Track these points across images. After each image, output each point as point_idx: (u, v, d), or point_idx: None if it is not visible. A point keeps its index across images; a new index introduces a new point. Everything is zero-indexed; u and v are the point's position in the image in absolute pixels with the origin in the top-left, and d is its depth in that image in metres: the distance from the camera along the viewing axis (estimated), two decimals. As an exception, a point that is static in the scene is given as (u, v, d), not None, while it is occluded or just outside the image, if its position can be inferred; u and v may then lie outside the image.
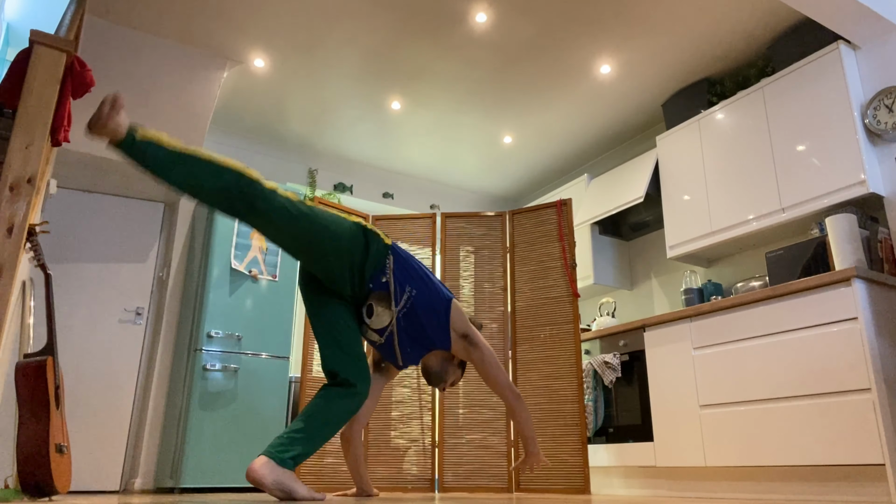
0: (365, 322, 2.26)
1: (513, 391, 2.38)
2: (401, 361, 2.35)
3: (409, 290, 2.22)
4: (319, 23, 3.63)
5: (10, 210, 1.95)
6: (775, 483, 2.91)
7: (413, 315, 2.22)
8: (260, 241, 4.11)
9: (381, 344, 2.30)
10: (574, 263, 3.77)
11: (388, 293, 2.20)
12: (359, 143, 5.02)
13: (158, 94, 3.83)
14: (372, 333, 2.27)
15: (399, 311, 2.21)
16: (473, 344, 2.30)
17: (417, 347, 2.30)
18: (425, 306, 2.23)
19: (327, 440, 2.09)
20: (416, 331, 2.25)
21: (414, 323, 2.24)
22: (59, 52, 2.16)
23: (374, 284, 2.20)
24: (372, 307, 2.21)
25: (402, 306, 2.21)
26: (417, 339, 2.27)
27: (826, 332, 2.77)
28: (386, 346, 2.30)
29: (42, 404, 2.25)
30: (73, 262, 4.12)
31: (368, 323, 2.25)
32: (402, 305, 2.20)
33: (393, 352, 2.30)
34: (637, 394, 3.65)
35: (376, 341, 2.29)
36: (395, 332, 2.24)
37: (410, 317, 2.23)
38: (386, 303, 2.20)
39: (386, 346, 2.30)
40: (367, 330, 2.28)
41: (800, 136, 3.36)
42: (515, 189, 5.85)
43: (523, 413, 2.40)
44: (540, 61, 3.95)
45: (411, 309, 2.22)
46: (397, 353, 2.31)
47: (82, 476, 3.83)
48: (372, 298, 2.22)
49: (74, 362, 3.97)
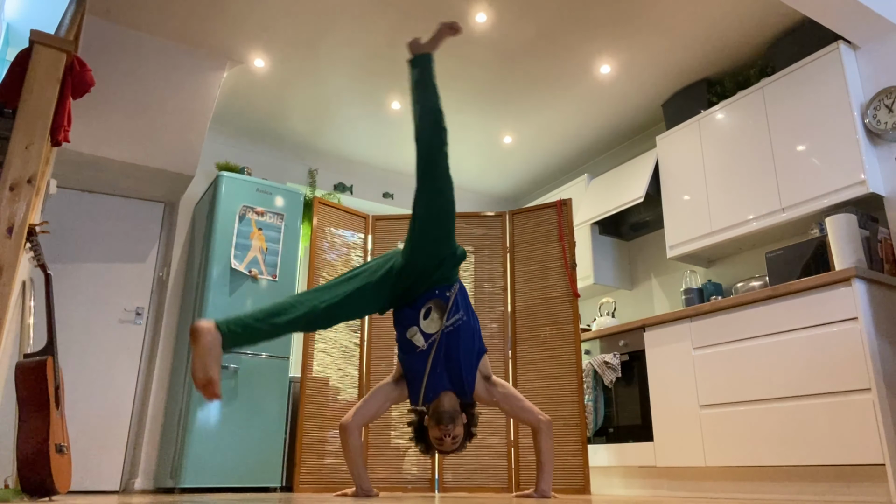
0: (419, 324, 2.44)
1: (544, 415, 2.56)
2: (424, 382, 2.45)
3: (462, 314, 2.47)
4: (319, 23, 3.63)
5: (10, 210, 1.95)
6: (775, 483, 2.91)
7: (455, 338, 2.44)
8: (260, 241, 4.12)
9: (419, 352, 2.45)
10: (574, 263, 3.77)
11: (445, 306, 2.45)
12: (359, 143, 5.02)
13: (158, 94, 3.83)
14: (419, 337, 2.45)
15: (447, 327, 2.44)
16: (494, 383, 2.53)
17: (445, 372, 2.45)
18: (467, 337, 2.46)
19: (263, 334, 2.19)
20: (452, 354, 2.44)
21: (453, 346, 2.44)
22: (59, 52, 2.16)
23: (439, 292, 2.46)
24: (430, 310, 2.45)
25: (451, 324, 2.44)
26: (450, 362, 2.44)
27: (826, 332, 2.77)
28: (420, 358, 2.45)
29: (42, 404, 2.25)
30: (73, 262, 4.12)
31: (422, 326, 2.44)
32: (451, 322, 2.44)
33: (423, 368, 2.44)
34: (637, 394, 3.65)
35: (419, 346, 2.45)
36: (437, 344, 2.43)
37: (452, 338, 2.44)
38: (440, 313, 2.45)
39: (421, 357, 2.45)
40: (417, 332, 2.45)
41: (800, 136, 3.36)
42: (515, 189, 5.85)
43: (550, 442, 2.55)
44: (540, 61, 3.95)
45: (455, 332, 2.44)
46: (426, 370, 2.44)
47: (82, 476, 3.83)
48: (431, 303, 2.46)
49: (74, 362, 3.97)
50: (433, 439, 2.45)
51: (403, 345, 2.51)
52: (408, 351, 2.49)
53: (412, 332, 2.46)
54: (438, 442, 2.43)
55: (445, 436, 2.41)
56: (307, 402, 3.64)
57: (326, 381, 3.74)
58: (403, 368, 2.54)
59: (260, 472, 3.73)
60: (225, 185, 4.09)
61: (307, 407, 3.63)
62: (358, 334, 3.93)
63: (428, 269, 2.40)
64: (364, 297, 2.34)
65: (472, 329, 2.52)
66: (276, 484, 3.80)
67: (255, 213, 4.14)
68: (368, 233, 4.16)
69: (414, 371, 2.48)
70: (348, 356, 3.87)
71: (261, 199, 4.19)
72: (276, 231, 4.19)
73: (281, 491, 3.86)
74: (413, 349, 2.47)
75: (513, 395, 2.60)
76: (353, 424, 2.53)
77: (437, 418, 2.41)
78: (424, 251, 2.37)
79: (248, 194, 4.15)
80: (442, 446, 2.43)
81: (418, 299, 2.47)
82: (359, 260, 4.07)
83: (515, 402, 2.58)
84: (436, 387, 2.47)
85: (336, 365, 3.80)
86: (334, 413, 3.72)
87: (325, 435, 3.66)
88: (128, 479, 4.00)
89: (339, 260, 3.98)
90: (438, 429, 2.42)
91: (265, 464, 3.76)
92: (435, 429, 2.43)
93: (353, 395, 3.82)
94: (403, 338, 2.50)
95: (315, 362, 3.73)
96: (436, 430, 2.43)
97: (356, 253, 4.07)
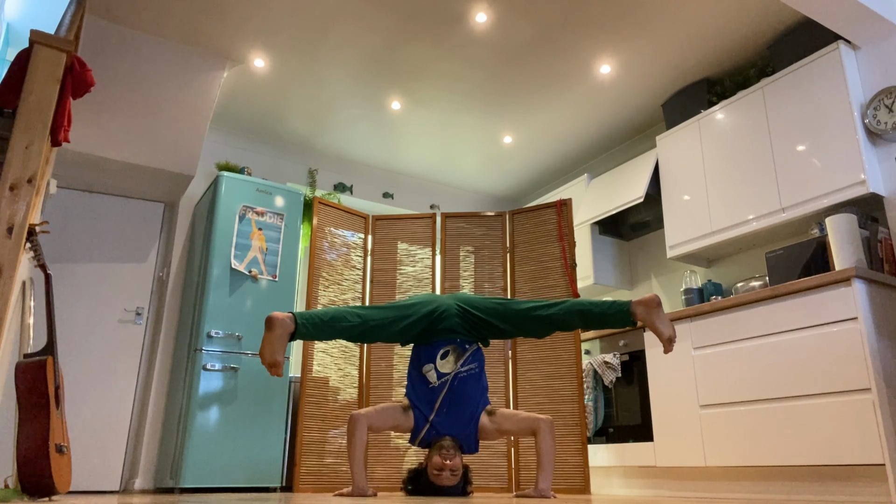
0: (434, 362, 2.62)
1: (544, 415, 2.63)
2: (430, 420, 2.59)
3: (475, 367, 2.65)
4: (319, 23, 3.63)
5: (10, 210, 1.95)
6: (775, 483, 2.91)
7: (464, 385, 2.61)
8: (260, 241, 4.12)
9: (431, 388, 2.61)
10: (574, 263, 3.77)
11: (462, 354, 2.65)
12: (359, 143, 5.02)
13: (158, 94, 3.83)
14: (433, 374, 2.61)
15: (460, 371, 2.62)
16: (494, 413, 2.64)
17: (453, 412, 2.60)
18: (475, 387, 2.64)
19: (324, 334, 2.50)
20: (460, 399, 2.60)
21: (461, 393, 2.60)
22: (59, 52, 2.16)
23: (460, 342, 2.66)
24: (448, 352, 2.64)
25: (464, 370, 2.63)
26: (457, 405, 2.60)
27: (826, 332, 2.77)
28: (430, 395, 2.60)
29: (42, 404, 2.25)
30: (73, 262, 4.12)
31: (437, 364, 2.62)
32: (463, 369, 2.63)
33: (433, 405, 2.60)
34: (637, 394, 3.65)
35: (432, 382, 2.61)
36: (448, 385, 2.60)
37: (462, 385, 2.61)
38: (456, 357, 2.64)
39: (431, 394, 2.60)
40: (432, 369, 2.62)
41: (800, 136, 3.36)
42: (515, 189, 5.85)
43: (551, 441, 2.59)
44: (540, 61, 3.95)
45: (465, 381, 2.62)
46: (434, 408, 2.59)
47: (82, 476, 3.83)
48: (449, 347, 2.65)
49: (74, 362, 3.98)
50: (432, 471, 2.52)
51: (415, 380, 2.66)
52: (419, 386, 2.63)
53: (427, 369, 2.63)
54: (437, 472, 2.50)
55: (446, 460, 2.46)
56: (307, 402, 3.64)
57: (326, 381, 3.75)
58: (412, 401, 2.65)
59: (260, 472, 3.73)
60: (225, 185, 4.09)
61: (307, 407, 3.63)
62: (358, 334, 3.93)
63: (464, 330, 2.66)
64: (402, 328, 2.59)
65: (482, 385, 2.67)
66: (276, 484, 3.80)
67: (255, 213, 4.14)
68: (368, 233, 4.16)
69: (422, 404, 2.61)
70: (348, 356, 3.87)
71: (261, 199, 4.19)
72: (276, 231, 4.19)
73: (281, 491, 3.86)
74: (425, 384, 2.62)
75: (510, 414, 2.66)
76: (365, 419, 2.55)
77: (439, 447, 2.52)
78: (478, 327, 2.66)
79: (248, 194, 4.15)
80: (440, 478, 2.50)
81: (440, 342, 2.65)
82: (359, 260, 4.08)
83: (514, 418, 2.64)
84: (439, 428, 2.60)
85: (336, 365, 3.80)
86: (334, 413, 3.72)
87: (325, 435, 3.66)
88: (128, 479, 4.00)
89: (339, 260, 3.98)
90: (439, 455, 2.49)
91: (265, 464, 3.76)
92: (435, 456, 2.51)
93: (353, 395, 3.82)
94: (418, 374, 2.65)
95: (315, 362, 3.73)
96: (436, 458, 2.50)
97: (356, 253, 4.07)
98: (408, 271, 4.02)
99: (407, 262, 4.04)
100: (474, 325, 2.65)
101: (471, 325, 2.65)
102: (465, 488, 2.59)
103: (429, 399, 2.61)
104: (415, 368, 2.68)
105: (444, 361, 2.63)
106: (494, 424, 2.63)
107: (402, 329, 2.60)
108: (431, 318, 2.62)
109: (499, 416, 2.64)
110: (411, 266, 4.03)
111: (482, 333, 2.69)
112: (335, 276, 3.93)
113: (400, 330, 2.60)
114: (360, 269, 4.06)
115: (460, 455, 2.56)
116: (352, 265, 4.03)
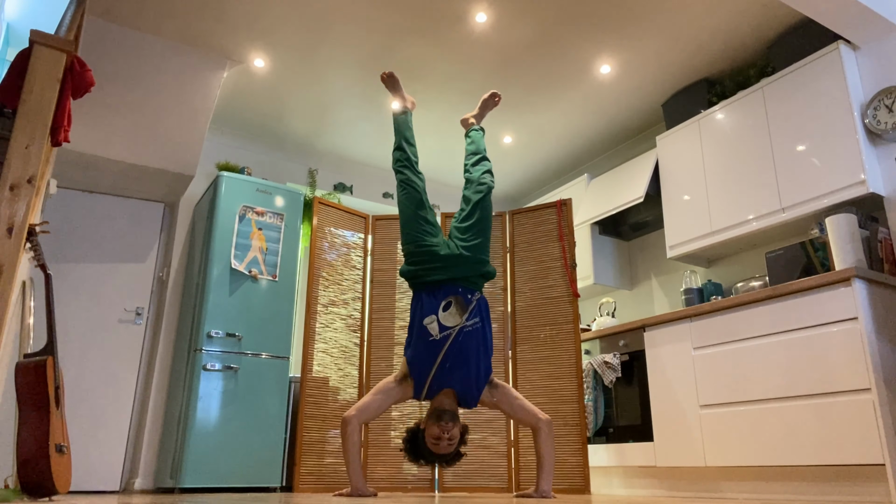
0: (437, 314, 2.54)
1: (544, 415, 2.59)
2: (432, 373, 2.49)
3: (478, 322, 2.58)
4: (319, 23, 3.63)
5: (10, 210, 1.95)
6: (775, 483, 2.91)
7: (469, 341, 2.54)
8: (260, 241, 4.11)
9: (431, 341, 2.52)
10: (574, 263, 3.77)
11: (467, 307, 2.58)
12: (359, 143, 5.02)
13: (158, 94, 3.83)
14: (435, 326, 2.53)
15: (464, 326, 2.55)
16: (495, 385, 2.61)
17: (455, 369, 2.52)
18: (481, 346, 2.57)
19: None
20: (465, 354, 2.52)
21: (466, 347, 2.53)
22: (59, 52, 2.16)
23: (463, 291, 2.60)
24: (451, 304, 2.56)
25: (468, 325, 2.56)
26: (460, 362, 2.52)
27: (826, 332, 2.77)
28: (432, 348, 2.51)
29: (42, 404, 2.25)
30: (73, 262, 4.12)
31: (439, 316, 2.53)
32: (468, 323, 2.56)
33: (434, 359, 2.50)
34: (637, 394, 3.65)
35: (433, 335, 2.53)
36: (451, 339, 2.52)
37: (467, 340, 2.54)
38: (460, 310, 2.56)
39: (433, 347, 2.51)
40: (434, 321, 2.54)
41: (800, 136, 3.36)
42: (515, 189, 5.85)
43: (551, 441, 2.57)
44: (540, 61, 3.95)
45: (469, 336, 2.54)
46: (437, 361, 2.50)
47: (82, 476, 3.83)
48: (452, 298, 2.57)
49: (74, 362, 3.98)
50: (430, 439, 2.46)
51: (417, 333, 2.56)
52: (421, 339, 2.54)
53: (429, 321, 2.55)
54: (435, 441, 2.44)
55: (444, 433, 2.42)
56: (307, 402, 3.64)
57: (326, 381, 3.75)
58: (411, 360, 2.56)
59: (260, 472, 3.73)
60: (225, 185, 4.09)
61: (307, 407, 3.63)
62: (358, 334, 3.93)
63: (468, 265, 2.65)
64: (424, 215, 2.71)
65: (487, 341, 2.61)
66: (276, 484, 3.80)
67: (255, 213, 4.14)
68: (368, 233, 4.16)
69: (423, 361, 2.52)
70: (348, 356, 3.87)
71: (261, 199, 4.19)
72: (276, 231, 4.19)
73: (281, 491, 3.86)
74: (427, 337, 2.52)
75: (512, 395, 2.62)
76: (356, 420, 2.53)
77: (438, 415, 2.44)
78: (474, 247, 2.70)
79: (248, 194, 4.15)
80: (438, 446, 2.44)
81: (442, 289, 2.57)
82: (359, 260, 4.07)
83: (515, 401, 2.60)
84: (441, 382, 2.51)
85: (336, 365, 3.80)
86: (334, 413, 3.72)
87: (325, 435, 3.66)
88: (128, 479, 4.00)
89: (339, 260, 3.98)
90: (438, 426, 2.42)
91: (265, 464, 3.76)
92: (434, 426, 2.44)
93: (353, 395, 3.82)
94: (419, 325, 2.56)
95: (315, 362, 3.73)
96: (434, 429, 2.43)
97: (356, 253, 4.07)
98: (408, 271, 4.02)
99: (407, 262, 4.04)
100: (472, 247, 2.69)
101: (464, 239, 2.70)
102: (457, 452, 2.55)
103: (430, 353, 2.52)
104: (416, 321, 2.60)
105: (447, 314, 2.55)
106: (491, 396, 2.59)
107: (424, 215, 2.70)
108: (437, 238, 2.70)
109: (500, 393, 2.59)
110: (411, 266, 4.03)
111: (479, 257, 2.69)
112: (335, 276, 3.93)
113: (423, 214, 2.71)
114: (360, 269, 4.06)
115: (459, 424, 2.50)
116: (352, 265, 4.03)
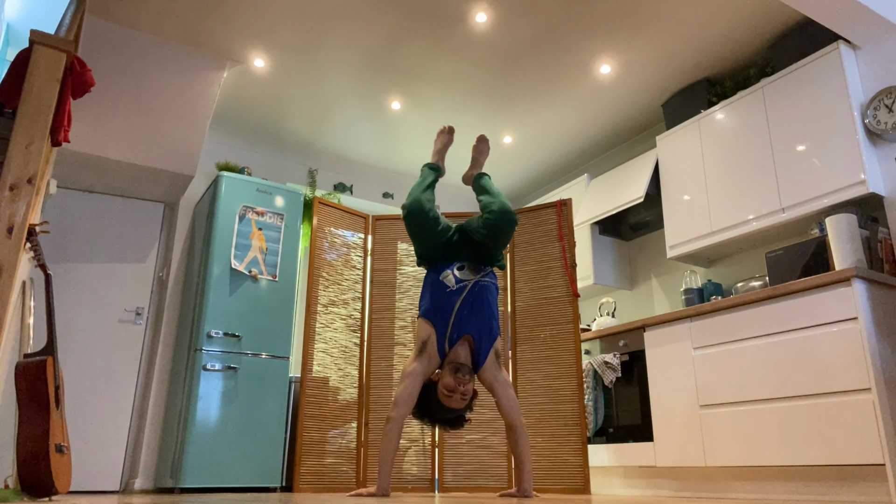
0: (453, 270, 2.70)
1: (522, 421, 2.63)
2: (452, 319, 2.59)
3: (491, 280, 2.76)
4: (319, 23, 3.63)
5: (10, 210, 1.95)
6: (775, 483, 2.91)
7: (483, 294, 2.69)
8: (260, 241, 4.11)
9: (448, 291, 2.64)
10: (574, 263, 3.77)
11: (478, 270, 2.75)
12: (359, 143, 5.02)
13: (158, 94, 3.83)
14: (451, 278, 2.68)
15: (480, 280, 2.71)
16: (500, 367, 2.66)
17: (473, 314, 2.62)
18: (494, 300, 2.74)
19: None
20: (480, 303, 2.65)
21: (481, 298, 2.66)
22: (59, 52, 2.16)
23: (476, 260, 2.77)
24: (464, 266, 2.74)
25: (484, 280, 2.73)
26: (477, 307, 2.63)
27: (826, 332, 2.77)
28: (450, 297, 2.63)
29: (42, 404, 2.25)
30: (73, 262, 4.12)
31: (456, 272, 2.70)
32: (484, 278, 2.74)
33: (452, 306, 2.61)
34: (637, 394, 3.65)
35: (450, 286, 2.66)
36: (468, 290, 2.65)
37: (482, 293, 2.68)
38: (473, 270, 2.74)
39: (451, 296, 2.63)
40: (450, 275, 2.69)
41: (800, 136, 3.36)
42: (515, 189, 5.85)
43: (527, 442, 2.62)
44: (540, 61, 3.95)
45: (484, 288, 2.70)
46: (455, 308, 2.61)
47: (82, 476, 3.83)
48: (465, 263, 2.76)
49: (74, 362, 3.98)
50: (443, 389, 2.48)
51: (432, 288, 2.67)
52: (437, 292, 2.65)
53: (445, 275, 2.69)
54: (449, 393, 2.46)
55: (459, 384, 2.45)
56: (307, 402, 3.64)
57: (326, 381, 3.75)
58: (433, 310, 2.64)
59: (260, 472, 3.73)
60: (225, 185, 4.09)
61: (307, 407, 3.63)
62: (358, 334, 3.93)
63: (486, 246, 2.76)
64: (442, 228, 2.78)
65: (494, 307, 2.72)
66: (276, 484, 3.80)
67: (255, 213, 4.14)
68: (368, 233, 4.16)
69: (442, 309, 2.61)
70: (348, 356, 3.87)
71: (261, 199, 4.19)
72: (276, 231, 4.19)
73: (281, 491, 3.86)
74: (444, 289, 2.64)
75: (508, 383, 2.66)
76: (401, 418, 2.51)
77: (456, 368, 2.49)
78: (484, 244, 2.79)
79: (248, 194, 4.15)
80: (450, 399, 2.47)
81: (457, 257, 2.76)
82: (359, 260, 4.07)
83: (509, 390, 2.63)
84: (461, 328, 2.58)
85: (336, 365, 3.80)
86: (334, 413, 3.72)
87: (325, 435, 3.66)
88: (128, 479, 4.00)
89: (339, 260, 3.98)
90: (454, 378, 2.47)
91: (265, 464, 3.76)
92: (450, 377, 2.47)
93: (353, 395, 3.82)
94: (436, 281, 2.68)
95: (315, 362, 3.73)
96: (450, 379, 2.47)
97: (356, 253, 4.07)
98: (408, 271, 4.02)
99: (407, 262, 4.04)
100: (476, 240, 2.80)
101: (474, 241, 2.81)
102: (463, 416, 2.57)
103: (449, 302, 2.62)
104: (432, 278, 2.73)
105: (461, 272, 2.72)
106: (491, 374, 2.62)
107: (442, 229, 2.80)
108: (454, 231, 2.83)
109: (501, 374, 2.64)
110: (411, 266, 4.03)
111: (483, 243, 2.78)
112: (335, 276, 3.93)
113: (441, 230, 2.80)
114: (360, 269, 4.06)
115: (473, 380, 2.53)
116: (352, 265, 4.03)
